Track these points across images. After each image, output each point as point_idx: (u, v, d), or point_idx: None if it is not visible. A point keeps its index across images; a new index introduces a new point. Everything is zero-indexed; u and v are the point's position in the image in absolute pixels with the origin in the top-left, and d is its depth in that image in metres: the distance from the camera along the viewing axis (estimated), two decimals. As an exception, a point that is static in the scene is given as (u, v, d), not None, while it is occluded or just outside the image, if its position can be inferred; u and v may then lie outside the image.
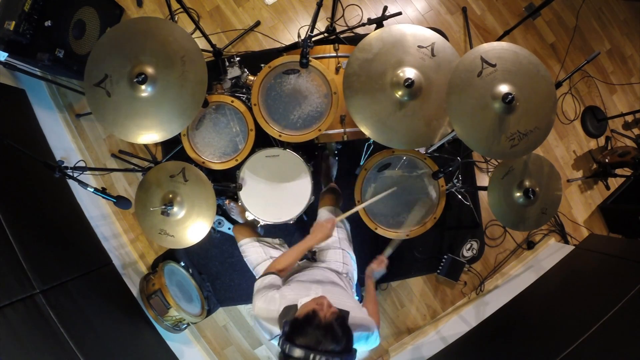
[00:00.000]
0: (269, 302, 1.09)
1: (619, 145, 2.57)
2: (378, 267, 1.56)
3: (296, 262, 1.35)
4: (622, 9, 2.64)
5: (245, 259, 1.72)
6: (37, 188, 1.88)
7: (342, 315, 0.94)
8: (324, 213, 1.75)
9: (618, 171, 2.39)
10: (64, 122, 2.37)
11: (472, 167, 2.44)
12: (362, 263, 1.66)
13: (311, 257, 1.61)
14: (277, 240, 1.79)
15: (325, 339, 0.86)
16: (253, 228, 1.89)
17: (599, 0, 2.61)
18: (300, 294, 1.07)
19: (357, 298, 1.56)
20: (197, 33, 2.07)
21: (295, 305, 1.02)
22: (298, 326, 0.90)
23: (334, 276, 1.41)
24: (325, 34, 2.17)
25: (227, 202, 2.27)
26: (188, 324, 2.24)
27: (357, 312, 1.14)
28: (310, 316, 0.90)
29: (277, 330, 1.06)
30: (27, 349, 1.36)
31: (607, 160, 2.42)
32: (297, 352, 0.84)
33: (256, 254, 1.66)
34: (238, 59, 2.10)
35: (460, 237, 2.42)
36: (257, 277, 1.25)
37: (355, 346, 1.04)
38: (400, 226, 1.80)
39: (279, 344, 0.90)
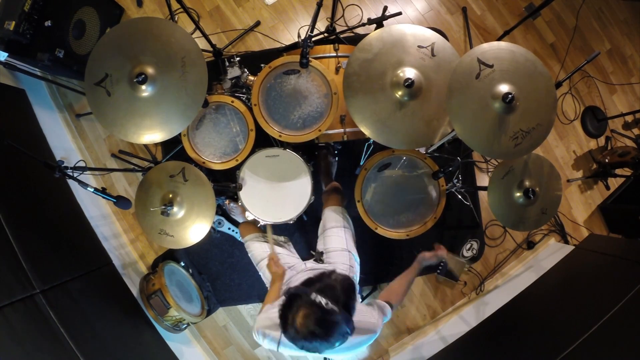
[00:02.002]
0: (269, 312, 1.13)
1: (619, 145, 2.57)
2: (430, 257, 1.55)
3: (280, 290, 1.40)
4: (622, 9, 2.64)
5: (249, 255, 1.73)
6: (37, 188, 1.88)
7: (350, 281, 1.01)
8: (329, 213, 1.74)
9: (618, 171, 2.39)
10: (64, 122, 2.37)
11: (472, 167, 2.44)
12: (363, 263, 1.66)
13: (319, 259, 1.61)
14: (282, 238, 1.79)
15: (326, 290, 0.94)
16: (257, 226, 1.90)
17: (599, 0, 2.61)
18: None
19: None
20: (197, 33, 2.07)
21: None
22: (309, 281, 0.99)
23: None
24: (325, 34, 2.17)
25: (227, 202, 2.27)
26: (188, 324, 2.24)
27: (361, 316, 1.14)
28: (325, 274, 1.00)
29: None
30: (27, 349, 1.36)
31: (607, 160, 2.42)
32: (306, 291, 0.93)
33: (260, 249, 1.67)
34: (238, 59, 2.09)
35: (460, 237, 2.42)
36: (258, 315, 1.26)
37: (359, 348, 1.12)
38: (400, 226, 1.80)
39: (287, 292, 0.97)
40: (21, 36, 1.71)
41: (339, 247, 1.59)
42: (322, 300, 0.91)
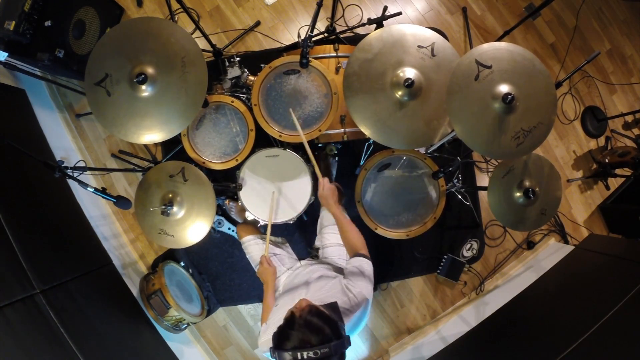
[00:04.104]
0: (266, 333, 1.12)
1: (618, 145, 2.57)
2: (327, 190, 1.43)
3: (273, 303, 1.38)
4: (622, 9, 2.64)
5: (247, 256, 1.73)
6: (37, 188, 1.88)
7: (315, 307, 0.94)
8: (326, 212, 1.75)
9: (618, 171, 2.39)
10: (64, 122, 2.37)
11: (472, 167, 2.44)
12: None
13: (315, 255, 1.62)
14: (279, 239, 1.80)
15: (307, 335, 0.87)
16: (256, 227, 1.90)
17: (599, 0, 2.61)
18: (288, 307, 1.06)
19: None
20: (197, 33, 2.07)
21: None
22: (281, 333, 0.90)
23: (325, 270, 1.42)
24: (325, 34, 2.17)
25: (226, 202, 2.27)
26: (188, 324, 2.24)
27: (345, 295, 1.14)
28: (289, 319, 0.91)
29: None
30: (27, 349, 1.36)
31: (607, 160, 2.42)
32: (287, 356, 0.85)
33: (259, 252, 1.67)
34: (238, 59, 2.09)
35: (460, 237, 2.42)
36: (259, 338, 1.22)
37: (360, 325, 1.10)
38: (400, 226, 1.80)
39: (273, 356, 0.90)
40: (21, 36, 1.71)
41: (335, 243, 1.60)
42: (310, 354, 0.84)
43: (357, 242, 1.32)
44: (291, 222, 1.79)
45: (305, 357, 0.84)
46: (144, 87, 1.36)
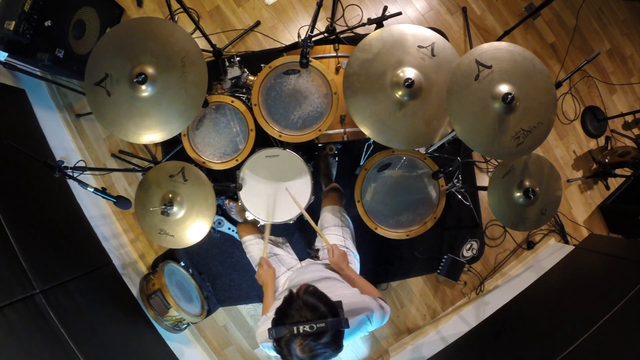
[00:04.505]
0: (265, 324, 1.12)
1: (618, 145, 2.57)
2: (337, 257, 1.45)
3: (273, 300, 1.39)
4: (622, 9, 2.64)
5: (247, 256, 1.73)
6: (37, 188, 1.88)
7: (314, 286, 0.97)
8: (326, 213, 1.75)
9: (618, 171, 2.39)
10: (64, 122, 2.37)
11: (472, 167, 2.44)
12: (363, 263, 1.66)
13: (315, 256, 1.62)
14: (280, 239, 1.80)
15: (304, 311, 0.90)
16: (256, 226, 1.90)
17: (599, 0, 2.61)
18: None
19: None
20: (197, 33, 2.07)
21: None
22: (280, 311, 0.93)
23: (328, 272, 1.42)
24: (325, 34, 2.17)
25: (226, 201, 2.27)
26: (188, 324, 2.24)
27: (350, 298, 1.15)
28: (288, 298, 0.94)
29: None
30: (27, 349, 1.36)
31: (607, 160, 2.42)
32: (284, 331, 0.88)
33: (259, 251, 1.67)
34: (238, 59, 2.10)
35: (460, 237, 2.42)
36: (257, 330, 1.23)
37: (361, 330, 1.10)
38: (400, 226, 1.80)
39: (270, 335, 0.92)
40: (21, 36, 1.71)
41: (335, 244, 1.60)
42: (306, 327, 0.87)
43: (374, 292, 1.33)
44: (291, 222, 1.79)
45: (301, 330, 0.87)
46: (143, 87, 1.36)
